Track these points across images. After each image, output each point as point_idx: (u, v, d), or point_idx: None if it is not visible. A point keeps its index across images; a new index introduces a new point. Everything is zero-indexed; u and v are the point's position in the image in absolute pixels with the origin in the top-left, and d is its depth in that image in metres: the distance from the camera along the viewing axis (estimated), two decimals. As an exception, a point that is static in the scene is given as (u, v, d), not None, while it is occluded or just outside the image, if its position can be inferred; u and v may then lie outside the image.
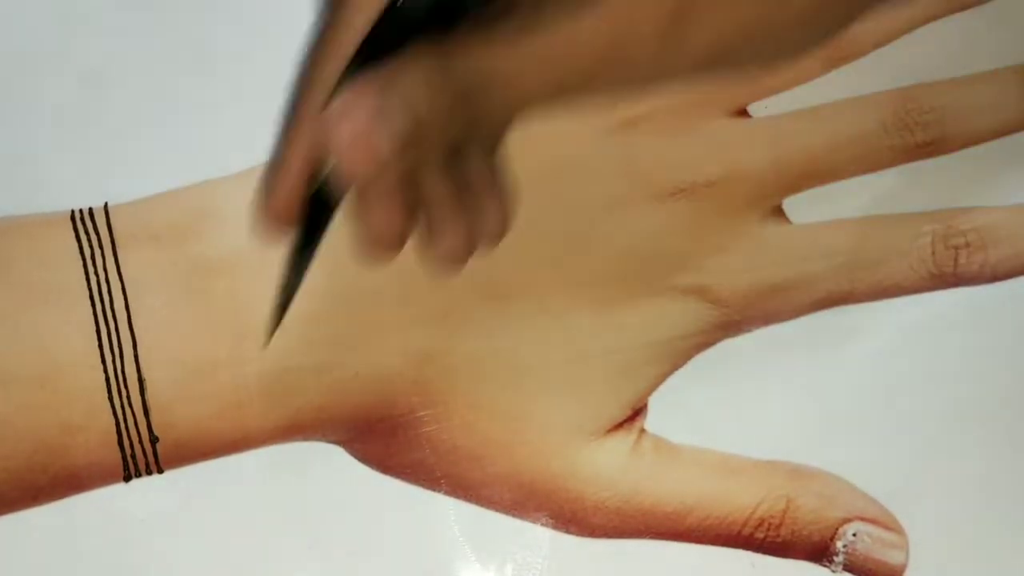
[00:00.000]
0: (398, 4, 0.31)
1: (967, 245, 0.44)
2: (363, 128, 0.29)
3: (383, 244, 0.33)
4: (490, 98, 0.31)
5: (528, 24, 0.30)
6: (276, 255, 0.42)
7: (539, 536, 0.40)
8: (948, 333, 0.43)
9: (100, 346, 0.41)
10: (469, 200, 0.33)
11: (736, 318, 0.43)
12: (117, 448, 0.40)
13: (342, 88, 0.31)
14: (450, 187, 0.33)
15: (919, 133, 0.45)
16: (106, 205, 0.43)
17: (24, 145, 0.44)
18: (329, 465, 0.41)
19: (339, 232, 0.43)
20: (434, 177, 0.32)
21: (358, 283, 0.42)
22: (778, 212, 0.44)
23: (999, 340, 0.43)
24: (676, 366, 0.42)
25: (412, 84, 0.30)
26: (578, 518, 0.40)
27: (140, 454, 0.40)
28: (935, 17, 0.47)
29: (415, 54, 0.30)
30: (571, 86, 0.31)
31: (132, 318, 0.41)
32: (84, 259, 0.42)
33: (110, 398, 0.40)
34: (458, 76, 0.30)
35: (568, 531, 0.40)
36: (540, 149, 0.45)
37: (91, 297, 0.42)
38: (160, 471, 0.40)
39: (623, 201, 0.44)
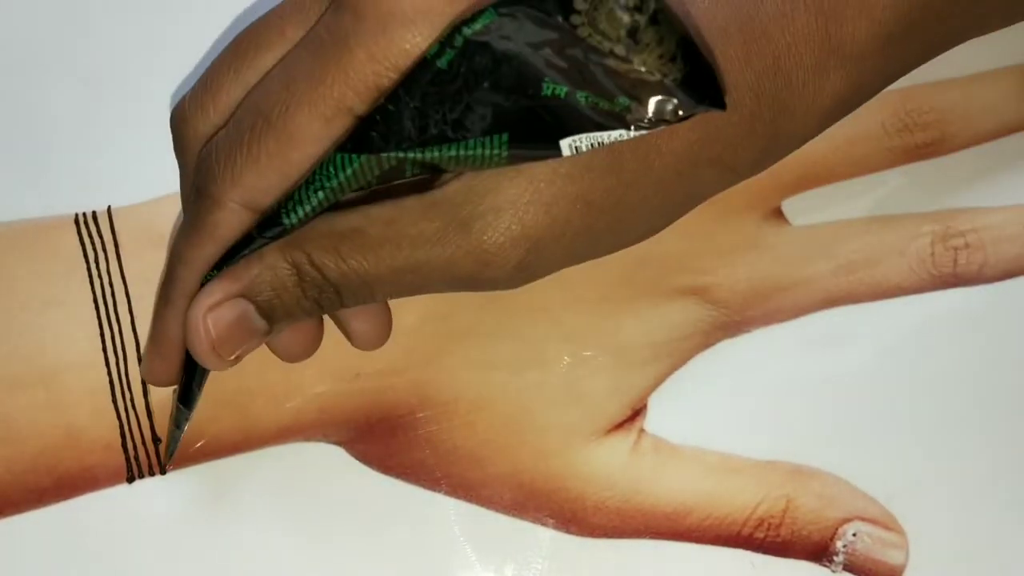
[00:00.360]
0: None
1: (966, 246, 0.44)
2: (227, 321, 0.34)
3: (294, 359, 0.39)
4: (352, 296, 0.34)
5: (389, 238, 0.33)
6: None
7: (539, 536, 0.40)
8: (948, 333, 0.43)
9: (104, 348, 0.41)
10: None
11: (736, 319, 0.43)
12: (121, 450, 0.40)
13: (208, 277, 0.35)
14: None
15: (919, 134, 0.45)
16: (109, 208, 0.43)
17: (28, 149, 0.44)
18: (330, 466, 0.41)
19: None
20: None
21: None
22: (778, 213, 0.44)
23: (998, 340, 0.43)
24: (676, 366, 0.42)
25: (268, 279, 0.34)
26: (578, 518, 0.41)
27: (143, 456, 0.40)
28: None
29: (272, 253, 0.34)
30: (425, 292, 0.35)
31: (135, 320, 0.42)
32: (88, 262, 0.42)
33: (114, 400, 0.41)
34: (315, 277, 0.34)
35: (568, 531, 0.41)
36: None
37: (95, 300, 0.42)
38: (163, 472, 0.40)
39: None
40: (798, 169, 0.45)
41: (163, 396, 0.41)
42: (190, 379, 0.38)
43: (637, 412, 0.42)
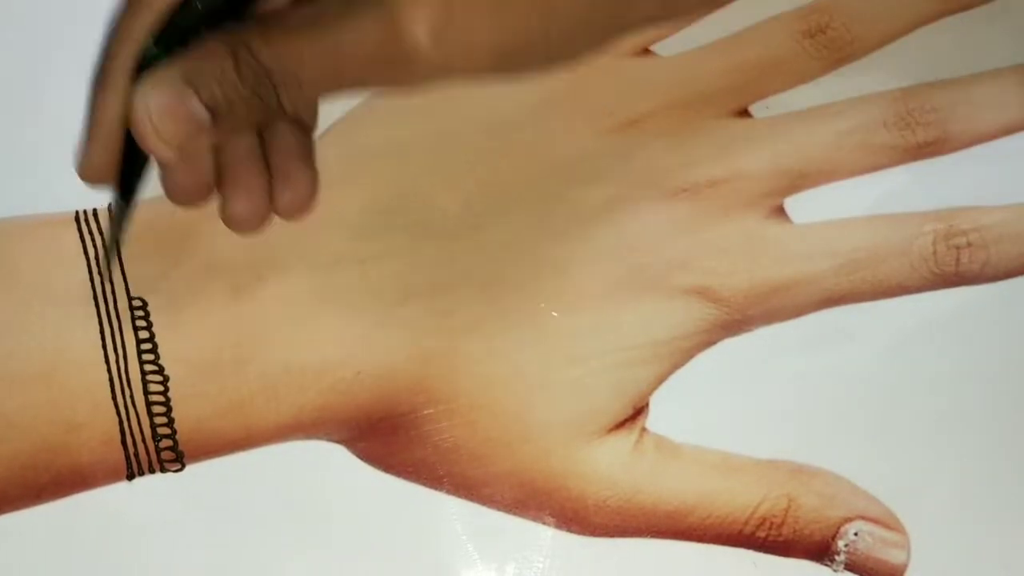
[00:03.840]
0: None
1: (969, 245, 0.44)
2: (169, 103, 0.33)
3: (185, 198, 0.36)
4: (282, 83, 0.33)
5: (311, 19, 0.32)
6: (279, 256, 0.43)
7: (541, 535, 0.40)
8: (950, 332, 0.43)
9: (104, 346, 0.41)
10: (271, 171, 0.36)
11: (737, 317, 0.43)
12: (120, 447, 0.40)
13: (150, 70, 0.34)
14: (251, 158, 0.36)
15: (921, 133, 0.45)
16: (110, 206, 0.43)
17: (29, 146, 0.44)
18: (332, 464, 0.41)
19: (339, 232, 0.43)
20: (236, 147, 0.35)
21: (360, 283, 0.42)
22: (779, 212, 0.44)
23: (1001, 339, 0.43)
24: (677, 365, 0.42)
25: (210, 67, 0.33)
26: (580, 517, 0.41)
27: (143, 453, 0.40)
28: (936, 18, 0.47)
29: (213, 41, 0.33)
30: (350, 80, 0.33)
31: (136, 318, 0.42)
32: (88, 259, 0.42)
33: (113, 397, 0.41)
34: (250, 62, 0.33)
35: (570, 530, 0.41)
36: (541, 150, 0.45)
37: (95, 297, 0.42)
38: (163, 470, 0.40)
39: (624, 201, 0.44)
40: (800, 168, 0.45)
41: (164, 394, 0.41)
42: (130, 170, 0.36)
43: (639, 411, 0.42)
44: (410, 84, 0.33)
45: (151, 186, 0.43)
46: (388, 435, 0.41)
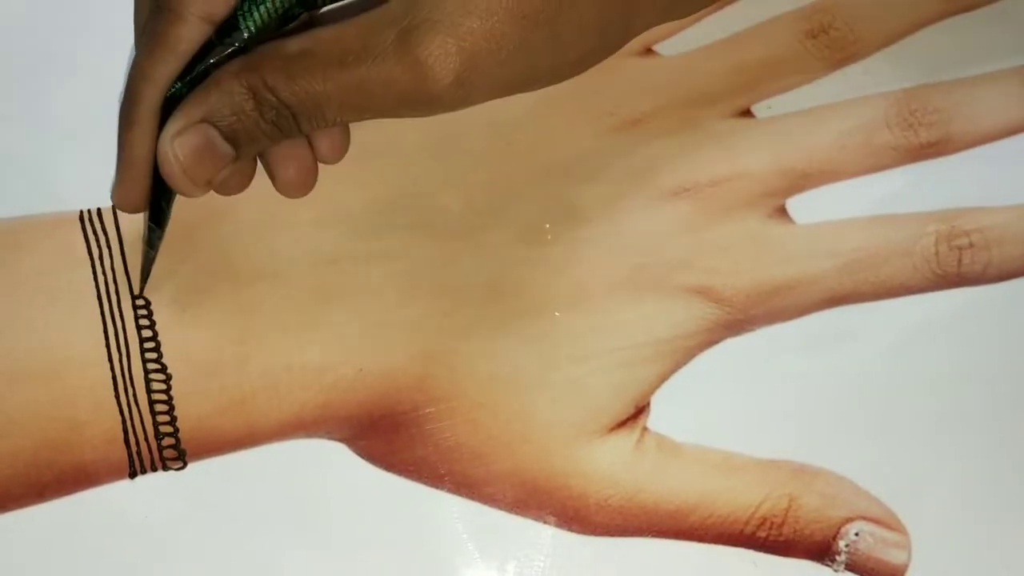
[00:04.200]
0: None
1: (971, 246, 0.44)
2: (195, 148, 0.35)
3: (229, 192, 0.38)
4: (304, 117, 0.35)
5: (336, 56, 0.34)
6: (281, 255, 0.43)
7: (542, 534, 0.40)
8: (952, 333, 0.43)
9: (107, 344, 0.41)
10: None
11: (739, 317, 0.43)
12: (123, 445, 0.40)
13: (172, 104, 0.36)
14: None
15: (923, 133, 0.45)
16: (114, 206, 0.43)
17: (34, 146, 0.44)
18: (333, 463, 0.41)
19: (341, 231, 0.43)
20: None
21: (362, 282, 0.42)
22: (782, 212, 0.44)
23: (1002, 340, 0.43)
24: (679, 365, 0.42)
25: (230, 103, 0.35)
26: (581, 516, 0.41)
27: (145, 451, 0.40)
28: (938, 18, 0.47)
29: (232, 78, 0.35)
30: (372, 114, 0.35)
31: (139, 317, 0.42)
32: (92, 259, 0.43)
33: (116, 396, 0.41)
34: (270, 100, 0.34)
35: (571, 529, 0.41)
36: (542, 149, 0.45)
37: (98, 296, 0.42)
38: (165, 468, 0.40)
39: (626, 201, 0.44)
40: (802, 168, 0.45)
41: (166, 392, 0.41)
42: (159, 198, 0.38)
43: (640, 410, 0.42)
44: (430, 115, 0.35)
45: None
46: (389, 433, 0.41)
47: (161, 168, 0.36)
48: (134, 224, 0.43)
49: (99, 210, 0.43)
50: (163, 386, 0.41)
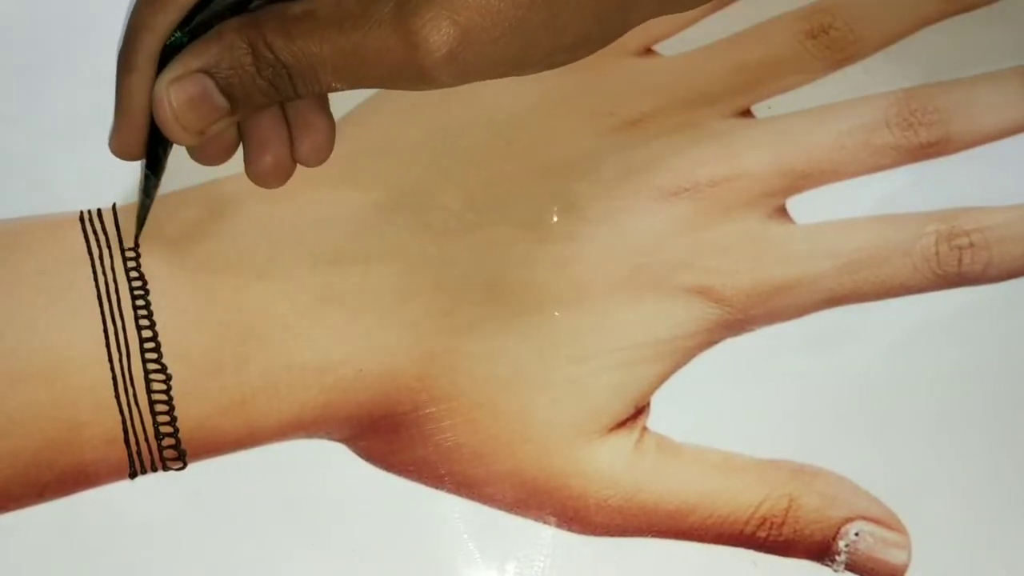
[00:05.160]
0: None
1: (971, 245, 0.44)
2: (190, 96, 0.36)
3: (208, 162, 0.39)
4: (300, 78, 0.35)
5: (335, 19, 0.34)
6: (282, 255, 0.43)
7: (542, 534, 0.40)
8: (951, 333, 0.43)
9: (107, 344, 0.41)
10: (288, 122, 0.39)
11: (739, 317, 0.43)
12: (123, 445, 0.40)
13: (172, 53, 0.37)
14: (269, 114, 0.38)
15: (923, 133, 0.45)
16: (114, 206, 0.43)
17: (34, 147, 0.44)
18: (333, 463, 0.41)
19: (341, 230, 0.43)
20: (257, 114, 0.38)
21: (362, 282, 0.42)
22: (781, 212, 0.44)
23: (1002, 340, 0.43)
24: (679, 365, 0.42)
25: (229, 58, 0.35)
26: (580, 516, 0.41)
27: (146, 451, 0.40)
28: (939, 18, 0.47)
29: (233, 32, 0.35)
30: (367, 82, 0.35)
31: (139, 317, 0.42)
32: (92, 259, 0.43)
33: (116, 396, 0.41)
34: (268, 57, 0.35)
35: (571, 529, 0.41)
36: (542, 149, 0.45)
37: (98, 296, 0.42)
38: (165, 468, 0.40)
39: (626, 200, 0.44)
40: (801, 168, 0.45)
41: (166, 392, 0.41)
42: (156, 145, 0.39)
43: (640, 410, 0.42)
44: (424, 89, 0.35)
45: (169, 184, 0.43)
46: (389, 434, 0.41)
47: (155, 112, 0.36)
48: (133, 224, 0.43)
49: (99, 210, 0.43)
50: (163, 386, 0.41)
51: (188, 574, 0.39)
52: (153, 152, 0.39)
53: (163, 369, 0.41)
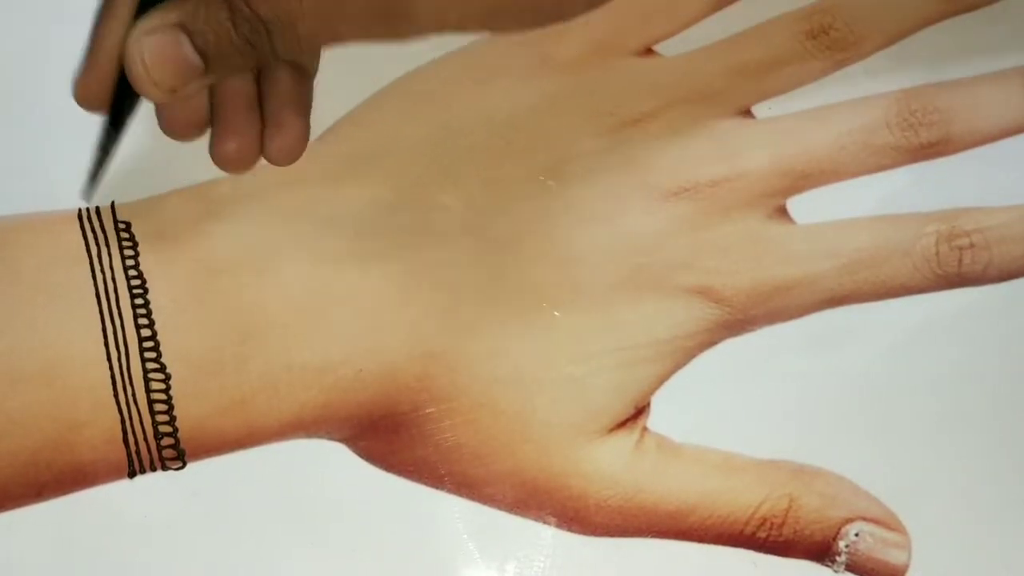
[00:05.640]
0: None
1: (971, 246, 0.44)
2: (162, 49, 0.34)
3: (177, 134, 0.37)
4: (279, 34, 0.34)
5: None
6: (281, 255, 0.43)
7: (542, 534, 0.40)
8: (952, 333, 0.43)
9: (106, 344, 0.41)
10: (264, 116, 0.37)
11: (739, 317, 0.43)
12: (122, 444, 0.40)
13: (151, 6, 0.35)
14: (244, 101, 0.37)
15: (924, 133, 0.45)
16: (113, 204, 0.43)
17: (32, 144, 0.44)
18: (333, 463, 0.41)
19: (341, 230, 0.43)
20: (230, 89, 0.36)
21: (362, 281, 0.42)
22: (782, 212, 0.45)
23: (1003, 340, 0.43)
24: (679, 365, 0.42)
25: (205, 13, 0.34)
26: (580, 516, 0.41)
27: (145, 451, 0.40)
28: (939, 18, 0.47)
29: None
30: (347, 34, 0.34)
31: (138, 316, 0.42)
32: (91, 257, 0.42)
33: (115, 395, 0.41)
34: (245, 11, 0.33)
35: (571, 530, 0.41)
36: (542, 149, 0.45)
37: (97, 295, 0.42)
38: (164, 468, 0.40)
39: (626, 200, 0.44)
40: (802, 168, 0.45)
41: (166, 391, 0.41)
42: (122, 101, 0.37)
43: (640, 410, 0.42)
44: (405, 38, 0.34)
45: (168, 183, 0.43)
46: (389, 434, 0.41)
47: (126, 63, 0.35)
48: (134, 224, 0.43)
49: (98, 209, 0.43)
50: (162, 386, 0.41)
51: (187, 573, 0.39)
52: (119, 108, 0.37)
53: (162, 369, 0.41)
